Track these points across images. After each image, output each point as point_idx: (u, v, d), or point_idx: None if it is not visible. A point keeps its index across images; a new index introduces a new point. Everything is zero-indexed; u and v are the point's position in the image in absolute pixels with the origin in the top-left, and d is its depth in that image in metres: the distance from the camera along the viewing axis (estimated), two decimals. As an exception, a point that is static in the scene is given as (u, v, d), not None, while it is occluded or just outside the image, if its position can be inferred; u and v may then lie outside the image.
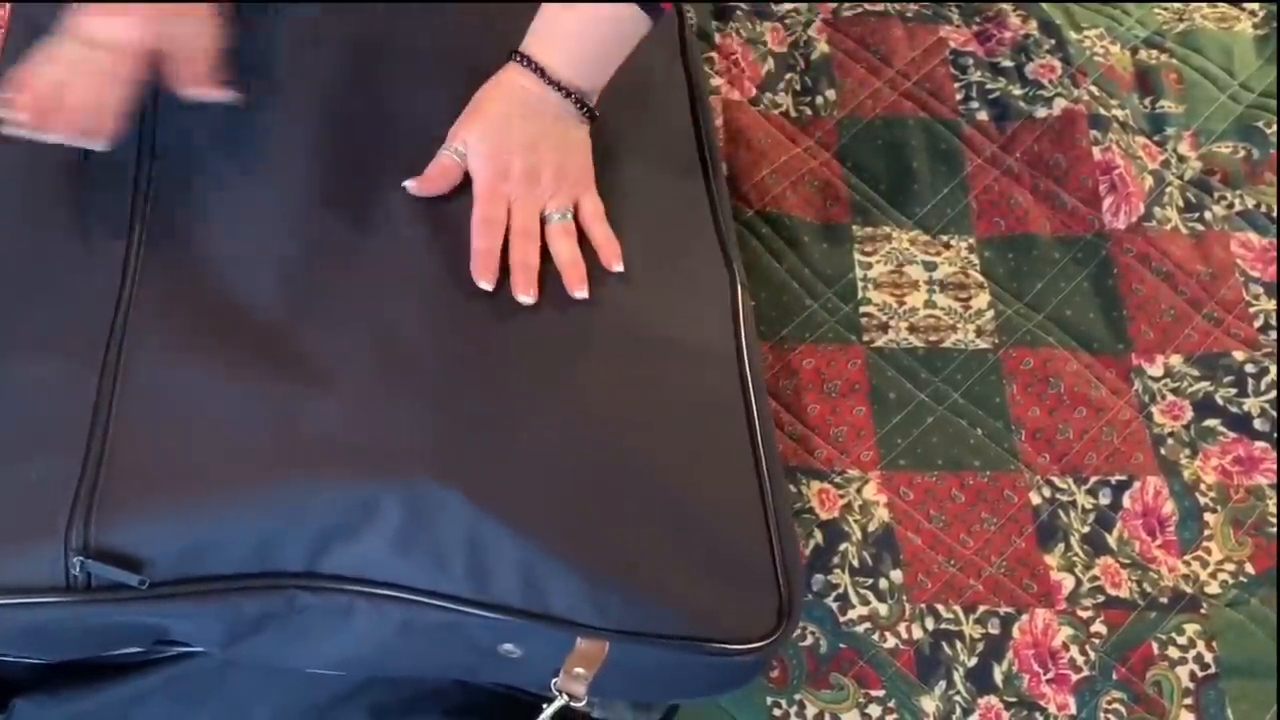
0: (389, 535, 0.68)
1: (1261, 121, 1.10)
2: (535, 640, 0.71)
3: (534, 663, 0.73)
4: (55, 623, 0.68)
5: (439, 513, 0.68)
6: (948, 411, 0.95)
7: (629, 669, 0.73)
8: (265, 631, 0.71)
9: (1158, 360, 0.98)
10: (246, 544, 0.68)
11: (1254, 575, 0.90)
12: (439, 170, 0.81)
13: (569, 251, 0.80)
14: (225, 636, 0.71)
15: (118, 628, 0.70)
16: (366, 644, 0.72)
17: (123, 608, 0.68)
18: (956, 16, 1.15)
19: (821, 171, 1.05)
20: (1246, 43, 1.16)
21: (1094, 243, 1.03)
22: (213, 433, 0.71)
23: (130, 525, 0.67)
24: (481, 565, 0.69)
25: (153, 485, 0.69)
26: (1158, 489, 0.93)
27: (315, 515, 0.69)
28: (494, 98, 0.82)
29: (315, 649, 0.73)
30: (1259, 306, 1.01)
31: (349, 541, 0.69)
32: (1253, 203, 1.06)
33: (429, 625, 0.70)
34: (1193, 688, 0.85)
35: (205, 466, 0.70)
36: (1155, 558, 0.90)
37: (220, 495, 0.69)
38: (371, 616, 0.70)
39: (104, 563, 0.66)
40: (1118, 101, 1.10)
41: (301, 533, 0.69)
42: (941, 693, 0.84)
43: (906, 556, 0.88)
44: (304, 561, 0.69)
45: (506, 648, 0.72)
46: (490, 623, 0.70)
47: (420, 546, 0.69)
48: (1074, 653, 0.86)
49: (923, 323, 0.99)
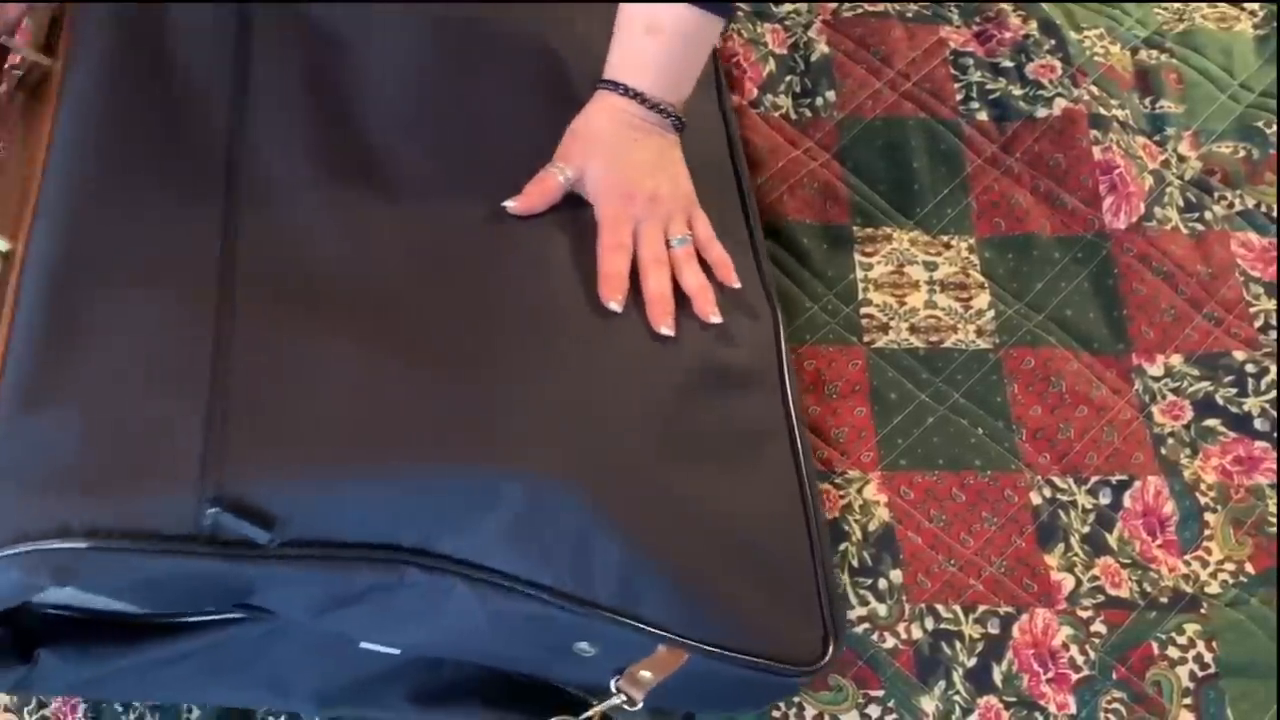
0: (504, 524, 0.68)
1: (1261, 121, 1.10)
2: (615, 642, 0.72)
3: (600, 663, 0.74)
4: (170, 574, 0.64)
5: (556, 509, 0.69)
6: (948, 412, 0.95)
7: (692, 680, 0.74)
8: (362, 604, 0.69)
9: (1158, 360, 0.98)
10: (373, 514, 0.67)
11: (1254, 575, 0.90)
12: (540, 191, 0.81)
13: (697, 278, 0.82)
14: (321, 605, 0.69)
15: (220, 585, 0.66)
16: (453, 628, 0.71)
17: (241, 565, 0.64)
18: (956, 17, 1.15)
19: (821, 173, 1.05)
20: (1246, 43, 1.16)
21: (1094, 243, 1.03)
22: (339, 396, 0.69)
23: (262, 480, 0.65)
24: (585, 564, 0.70)
25: (281, 440, 0.67)
26: (1158, 489, 0.93)
27: (441, 495, 0.68)
28: (604, 124, 0.83)
29: (402, 627, 0.71)
30: (1259, 306, 1.01)
31: (465, 525, 0.68)
32: (1253, 203, 1.06)
33: (519, 616, 0.70)
34: (1192, 687, 0.86)
35: (333, 430, 0.68)
36: (1155, 557, 0.90)
37: (353, 462, 0.67)
38: (469, 601, 0.69)
39: (238, 515, 0.63)
40: (1118, 101, 1.10)
41: (425, 510, 0.68)
42: (941, 693, 0.84)
43: (906, 556, 0.89)
44: (419, 538, 0.68)
45: (581, 646, 0.72)
46: (579, 621, 0.70)
47: (531, 539, 0.69)
48: (1074, 652, 0.86)
49: (923, 323, 0.99)
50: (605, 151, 0.83)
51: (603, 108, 0.84)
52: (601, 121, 0.84)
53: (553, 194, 0.82)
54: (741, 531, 0.77)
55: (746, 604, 0.75)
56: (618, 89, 0.83)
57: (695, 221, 0.85)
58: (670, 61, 0.84)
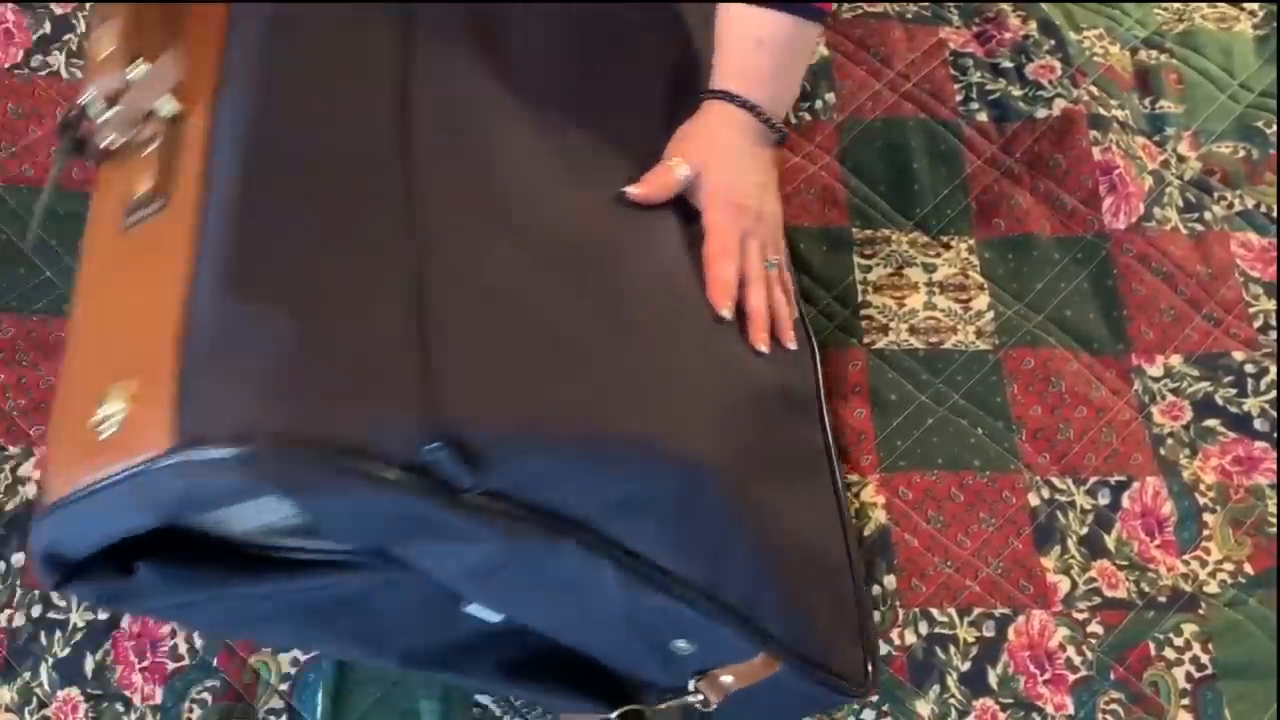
0: (665, 512, 0.66)
1: (1261, 121, 1.10)
2: (718, 644, 0.72)
3: (688, 662, 0.74)
4: (368, 502, 0.58)
5: (708, 501, 0.68)
6: (948, 412, 0.95)
7: (771, 690, 0.75)
8: (508, 571, 0.65)
9: (1157, 360, 0.99)
10: (561, 480, 0.63)
11: (1253, 575, 0.90)
12: (660, 184, 0.80)
13: (784, 303, 0.83)
14: (477, 567, 0.64)
15: (398, 524, 0.61)
16: (581, 609, 0.69)
17: (435, 507, 0.59)
18: (956, 17, 1.15)
19: (820, 176, 1.06)
20: (1246, 43, 1.15)
21: (1094, 243, 1.03)
22: (543, 340, 0.65)
23: (478, 422, 0.60)
24: (722, 563, 0.70)
25: (495, 384, 0.62)
26: (1157, 489, 0.93)
27: (616, 468, 0.64)
28: (723, 132, 0.83)
29: (530, 598, 0.69)
30: (1259, 306, 1.01)
31: (631, 506, 0.65)
32: (1253, 203, 1.06)
33: (648, 607, 0.69)
34: (1189, 688, 0.86)
35: (540, 380, 0.64)
36: (1154, 558, 0.90)
37: (556, 420, 0.63)
38: (611, 586, 0.67)
39: (456, 454, 0.58)
40: (1117, 102, 1.10)
41: (600, 483, 0.64)
42: (936, 696, 0.85)
43: (901, 561, 0.89)
44: (588, 513, 0.64)
45: (680, 644, 0.72)
46: (701, 619, 0.70)
47: (683, 530, 0.68)
48: (1071, 653, 0.87)
49: (923, 324, 0.99)
50: (724, 159, 0.82)
51: (721, 116, 0.83)
52: (720, 129, 0.83)
53: (671, 188, 0.80)
54: (813, 547, 0.78)
55: (822, 619, 0.76)
56: (735, 100, 0.83)
57: (781, 247, 0.86)
58: (779, 74, 0.84)
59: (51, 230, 0.96)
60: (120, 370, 0.58)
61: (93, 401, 0.58)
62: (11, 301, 0.94)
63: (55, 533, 0.60)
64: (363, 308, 0.61)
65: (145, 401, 0.56)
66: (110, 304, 0.63)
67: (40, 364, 0.91)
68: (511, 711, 0.83)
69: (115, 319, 0.62)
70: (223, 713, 0.82)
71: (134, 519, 0.58)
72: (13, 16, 1.05)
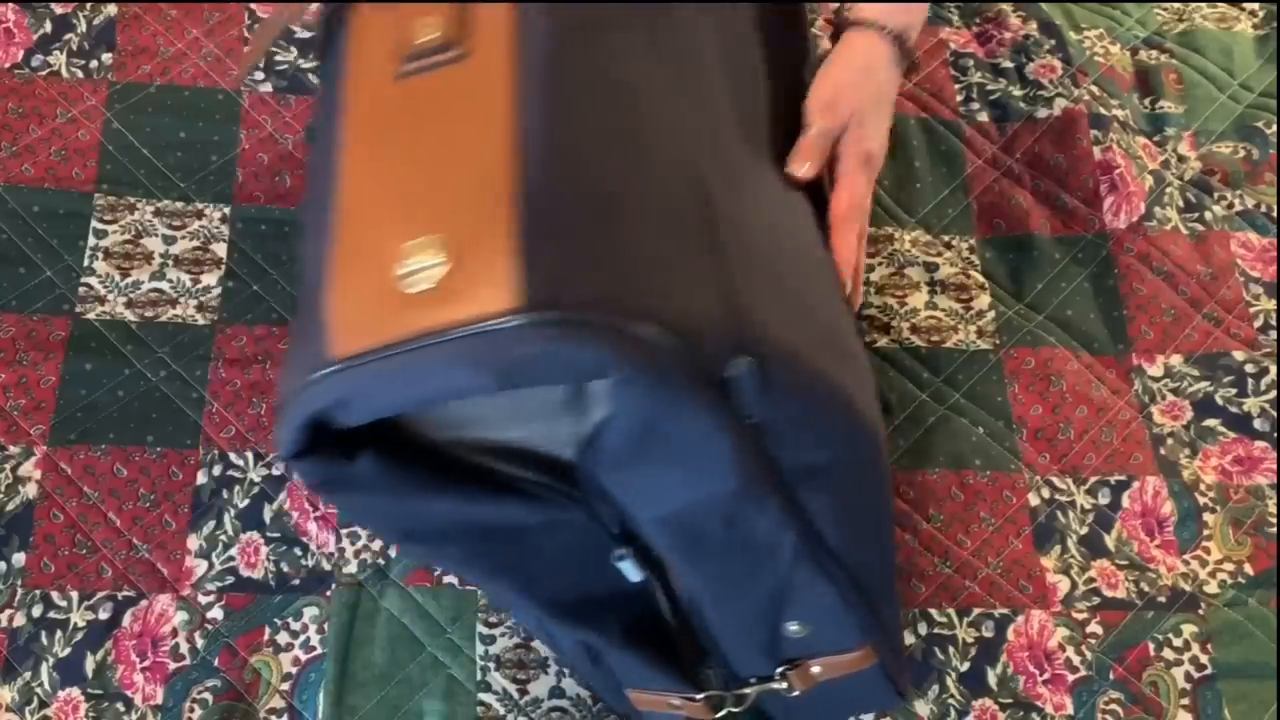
0: (842, 486, 0.64)
1: (1261, 121, 1.10)
2: (830, 631, 0.70)
3: (789, 648, 0.71)
4: (661, 410, 0.55)
5: (876, 485, 0.66)
6: (949, 412, 0.95)
7: (845, 685, 0.74)
8: (710, 520, 0.62)
9: (1158, 360, 0.99)
10: (798, 435, 0.60)
11: (1253, 575, 0.90)
12: (819, 156, 0.75)
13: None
14: (682, 510, 0.62)
15: (657, 440, 0.57)
16: (750, 575, 0.66)
17: (714, 429, 0.56)
18: (956, 17, 1.15)
19: (822, 174, 1.06)
20: (1246, 43, 1.15)
21: (1094, 243, 1.03)
22: (791, 292, 0.63)
23: (772, 346, 0.57)
24: (869, 549, 0.68)
25: (781, 306, 0.60)
26: (1157, 489, 0.93)
27: (830, 436, 0.62)
28: (870, 71, 0.78)
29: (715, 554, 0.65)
30: (1259, 306, 1.01)
31: (821, 475, 0.62)
32: (1253, 203, 1.06)
33: (797, 584, 0.66)
34: (1189, 688, 0.86)
35: (804, 326, 0.61)
36: (1154, 557, 0.91)
37: (819, 373, 0.60)
38: (785, 554, 0.64)
39: (759, 374, 0.55)
40: (1118, 101, 1.10)
41: (816, 446, 0.61)
42: (935, 696, 0.85)
43: (900, 560, 0.89)
44: (794, 473, 0.61)
45: (793, 627, 0.69)
46: (836, 604, 0.67)
47: (852, 509, 0.65)
48: (1070, 653, 0.87)
49: (924, 324, 1.00)
50: (871, 106, 0.77)
51: (866, 54, 0.78)
52: (865, 69, 0.78)
53: (827, 154, 0.76)
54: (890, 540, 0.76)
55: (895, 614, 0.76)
56: (881, 30, 0.77)
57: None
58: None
59: (52, 230, 0.97)
60: (428, 223, 0.54)
61: (390, 254, 0.54)
62: (11, 301, 0.94)
63: (345, 390, 0.54)
64: (668, 206, 0.58)
65: (474, 258, 0.53)
66: (400, 154, 0.59)
67: (40, 364, 0.91)
68: (516, 710, 0.83)
69: (411, 170, 0.58)
70: (223, 712, 0.82)
71: (451, 381, 0.53)
72: (13, 16, 1.05)
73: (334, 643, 0.85)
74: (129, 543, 0.87)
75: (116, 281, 0.95)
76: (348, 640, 0.85)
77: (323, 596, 0.86)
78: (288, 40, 1.08)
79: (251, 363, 0.94)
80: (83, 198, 0.99)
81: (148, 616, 0.85)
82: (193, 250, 0.98)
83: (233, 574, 0.87)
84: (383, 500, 0.61)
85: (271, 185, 1.01)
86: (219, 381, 0.93)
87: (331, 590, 0.86)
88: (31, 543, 0.86)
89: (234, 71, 1.05)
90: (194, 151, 1.02)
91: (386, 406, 0.55)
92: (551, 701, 0.84)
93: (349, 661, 0.84)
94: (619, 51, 0.61)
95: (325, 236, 0.58)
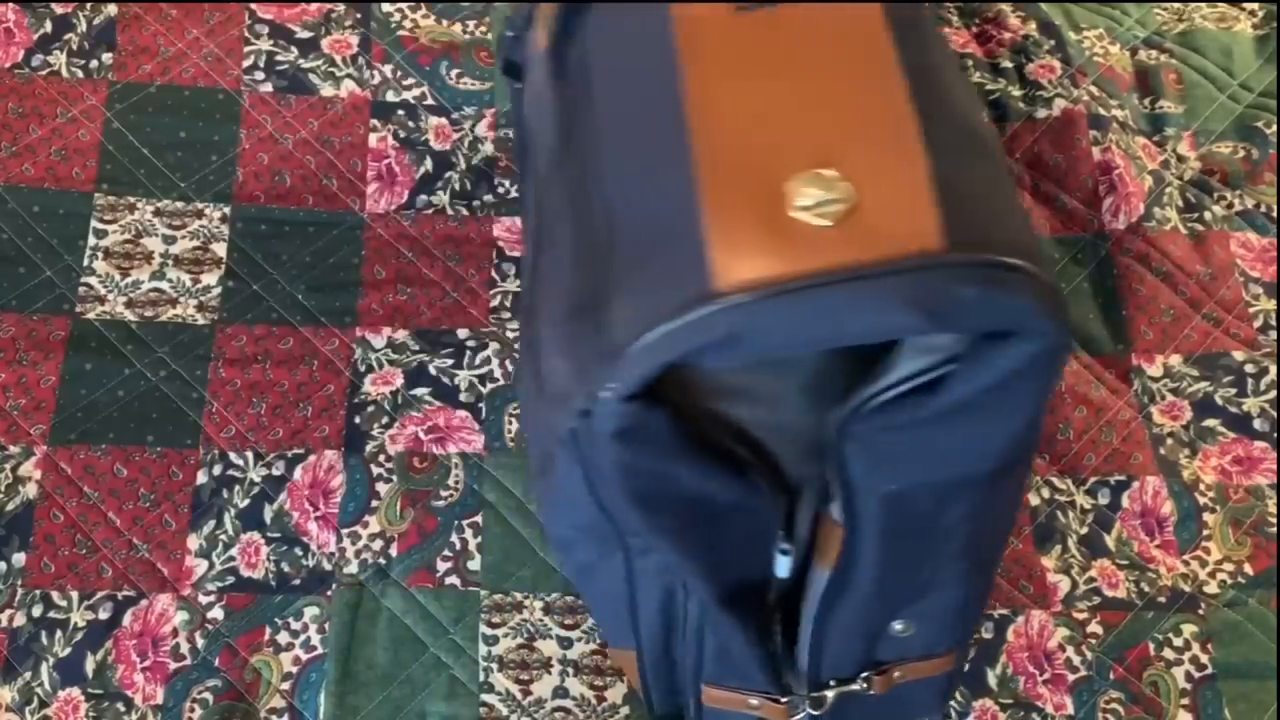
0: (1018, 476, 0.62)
1: (1261, 121, 1.10)
2: (933, 632, 0.68)
3: (883, 649, 0.70)
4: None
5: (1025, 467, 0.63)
6: (949, 412, 0.95)
7: (912, 690, 0.73)
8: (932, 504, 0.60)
9: (1157, 360, 0.99)
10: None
11: (1252, 575, 0.90)
12: None
13: None
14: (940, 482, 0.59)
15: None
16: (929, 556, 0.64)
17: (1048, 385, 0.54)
18: (956, 18, 1.15)
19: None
20: (1246, 43, 1.16)
21: (1094, 243, 1.03)
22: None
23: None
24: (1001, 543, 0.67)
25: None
26: (1156, 489, 0.93)
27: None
28: None
29: (923, 529, 0.63)
30: (1259, 306, 1.01)
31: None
32: (1252, 203, 1.06)
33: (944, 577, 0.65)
34: (1189, 688, 0.86)
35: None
36: (1154, 557, 0.91)
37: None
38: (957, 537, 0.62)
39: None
40: (1117, 102, 1.10)
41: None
42: (937, 694, 0.85)
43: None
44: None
45: (897, 626, 0.67)
46: (960, 602, 0.66)
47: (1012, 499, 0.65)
48: (1070, 653, 0.87)
49: (923, 324, 0.99)
50: None
51: None
52: None
53: None
54: None
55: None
56: None
57: None
58: None
59: (52, 230, 0.97)
60: (822, 157, 0.52)
61: (778, 188, 0.52)
62: (11, 301, 0.94)
63: (738, 325, 0.50)
64: (1000, 159, 0.57)
65: (888, 196, 0.51)
66: (771, 86, 0.56)
67: (40, 363, 0.91)
68: (519, 711, 0.83)
69: (790, 102, 0.55)
70: (224, 712, 0.82)
71: (877, 319, 0.50)
72: (13, 16, 1.06)
73: (336, 643, 0.85)
74: (129, 542, 0.87)
75: (116, 281, 0.95)
76: (350, 640, 0.85)
77: (323, 596, 0.86)
78: (288, 40, 1.08)
79: (251, 362, 0.94)
80: (83, 197, 0.99)
81: (148, 616, 0.85)
82: (193, 250, 0.98)
83: (233, 574, 0.87)
84: (650, 459, 0.58)
85: (271, 185, 1.01)
86: (219, 381, 0.93)
87: (332, 590, 0.86)
88: (31, 542, 0.86)
89: (234, 71, 1.05)
90: (194, 151, 1.02)
91: (784, 344, 0.51)
92: (555, 702, 0.84)
93: (351, 662, 0.84)
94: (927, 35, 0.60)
95: (681, 170, 0.54)
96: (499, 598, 0.87)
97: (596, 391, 0.52)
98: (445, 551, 0.88)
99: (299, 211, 1.00)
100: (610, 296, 0.54)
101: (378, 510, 0.89)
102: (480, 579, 0.88)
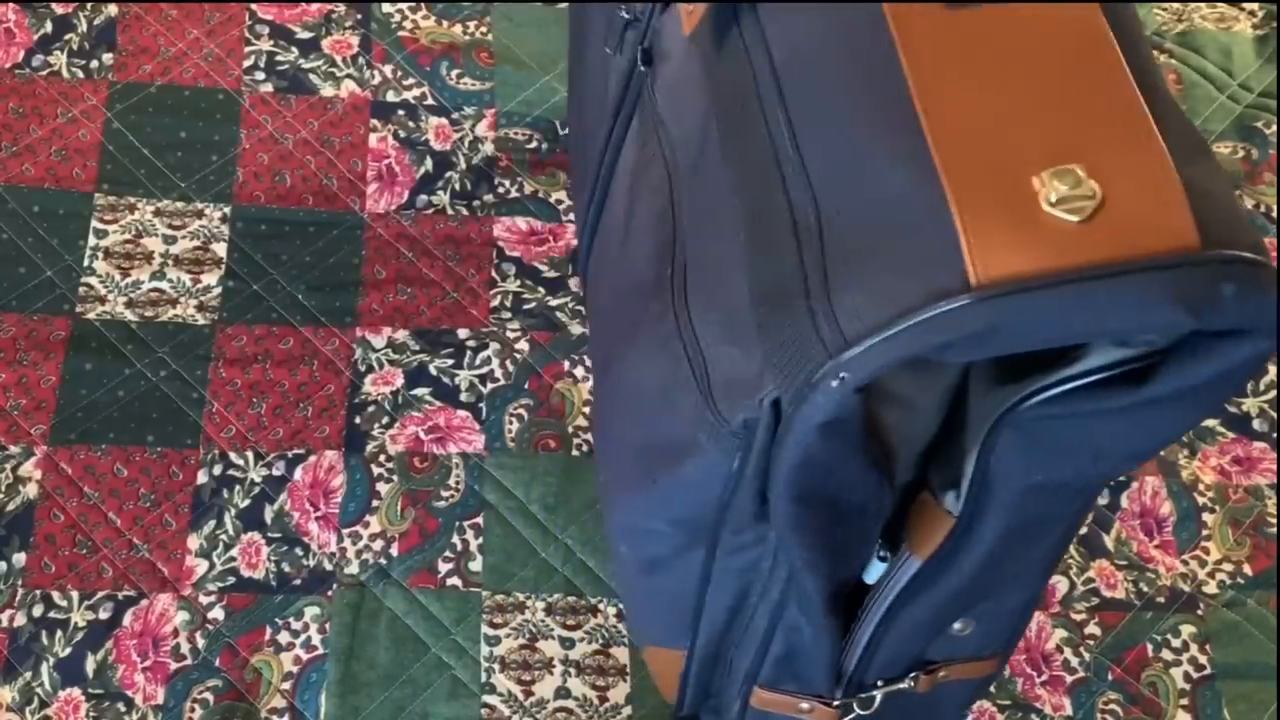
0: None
1: (1261, 121, 1.10)
2: (988, 634, 0.68)
3: (937, 648, 0.70)
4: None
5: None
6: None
7: (950, 691, 0.73)
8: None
9: (1157, 361, 0.99)
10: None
11: (1252, 576, 0.90)
12: None
13: None
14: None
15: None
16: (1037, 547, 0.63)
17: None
18: (956, 18, 1.15)
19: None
20: (1246, 43, 1.16)
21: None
22: None
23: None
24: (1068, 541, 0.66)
25: None
26: (1155, 489, 0.93)
27: None
28: None
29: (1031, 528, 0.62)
30: (1258, 307, 1.01)
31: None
32: (1252, 203, 1.06)
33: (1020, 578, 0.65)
34: (1188, 689, 0.86)
35: None
36: (1153, 558, 0.91)
37: None
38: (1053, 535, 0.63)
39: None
40: (1117, 102, 1.10)
41: None
42: (937, 695, 0.85)
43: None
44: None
45: (958, 625, 0.67)
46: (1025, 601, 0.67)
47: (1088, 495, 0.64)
48: (1068, 654, 0.87)
49: (923, 324, 0.99)
50: None
51: None
52: None
53: None
54: None
55: None
56: None
57: None
58: None
59: (52, 230, 0.97)
60: (1064, 152, 0.52)
61: (1023, 182, 0.52)
62: (11, 301, 0.94)
63: (997, 319, 0.49)
64: None
65: (1138, 191, 0.51)
66: (1001, 82, 0.56)
67: (40, 364, 0.91)
68: (521, 711, 0.83)
69: (1024, 98, 0.55)
70: (224, 712, 0.82)
71: (1141, 315, 0.50)
72: (13, 16, 1.05)
73: (336, 643, 0.85)
74: (129, 542, 0.87)
75: (116, 281, 0.95)
76: (351, 641, 0.85)
77: (324, 596, 0.86)
78: (288, 40, 1.08)
79: (251, 362, 0.94)
80: (83, 198, 0.99)
81: (148, 616, 0.85)
82: (193, 250, 0.98)
83: (233, 574, 0.87)
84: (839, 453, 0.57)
85: (271, 185, 1.01)
86: (219, 381, 0.93)
87: (333, 590, 0.86)
88: (32, 542, 0.86)
89: (235, 71, 1.05)
90: (194, 151, 1.02)
91: (1042, 339, 0.51)
92: (557, 702, 0.84)
93: (352, 662, 0.84)
94: None
95: (918, 161, 0.54)
96: (500, 598, 0.87)
97: (814, 380, 0.51)
98: (446, 552, 0.88)
99: (299, 211, 1.00)
100: (831, 285, 0.53)
101: (378, 510, 0.89)
102: (482, 579, 0.88)
